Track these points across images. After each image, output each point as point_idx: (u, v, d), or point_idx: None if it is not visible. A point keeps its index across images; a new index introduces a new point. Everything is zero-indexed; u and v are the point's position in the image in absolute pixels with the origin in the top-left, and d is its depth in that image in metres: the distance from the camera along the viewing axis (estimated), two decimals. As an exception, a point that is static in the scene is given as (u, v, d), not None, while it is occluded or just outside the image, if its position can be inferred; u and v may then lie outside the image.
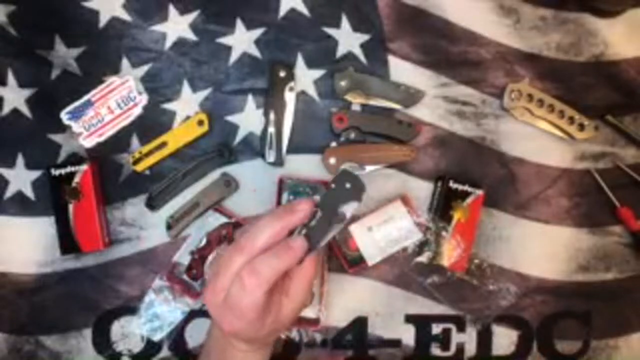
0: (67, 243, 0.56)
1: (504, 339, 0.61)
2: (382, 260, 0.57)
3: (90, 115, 0.57)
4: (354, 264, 0.57)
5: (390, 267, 0.59)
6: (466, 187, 0.58)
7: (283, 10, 0.58)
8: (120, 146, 0.58)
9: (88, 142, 0.57)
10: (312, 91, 0.59)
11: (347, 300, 0.59)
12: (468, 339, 0.60)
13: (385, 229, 0.57)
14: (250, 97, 0.58)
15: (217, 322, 0.42)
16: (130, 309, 0.58)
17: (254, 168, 0.58)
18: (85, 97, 0.57)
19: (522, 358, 0.61)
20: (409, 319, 0.60)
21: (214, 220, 0.57)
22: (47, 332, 0.58)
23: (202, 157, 0.58)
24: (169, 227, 0.57)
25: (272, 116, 0.58)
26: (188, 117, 0.58)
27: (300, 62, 0.58)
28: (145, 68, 0.58)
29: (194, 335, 0.59)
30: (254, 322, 0.41)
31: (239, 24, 0.58)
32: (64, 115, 0.57)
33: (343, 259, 0.57)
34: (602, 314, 0.61)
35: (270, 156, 0.58)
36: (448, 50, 0.59)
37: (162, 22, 0.57)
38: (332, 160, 0.57)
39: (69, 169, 0.56)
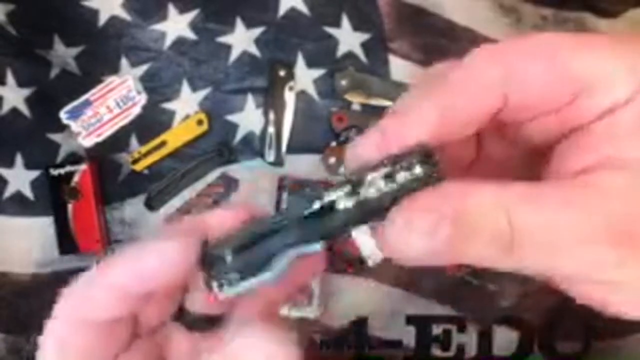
0: (66, 243, 0.56)
1: (505, 339, 0.60)
2: (382, 260, 0.57)
3: (89, 114, 0.56)
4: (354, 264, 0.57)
5: (390, 267, 0.59)
6: (467, 187, 0.57)
7: (283, 9, 0.58)
8: (119, 146, 0.58)
9: (87, 142, 0.57)
10: (312, 90, 0.59)
11: (347, 300, 0.59)
12: (469, 340, 0.60)
13: (385, 228, 0.57)
14: (250, 97, 0.58)
15: None
16: (129, 309, 0.58)
17: (254, 168, 0.58)
18: (84, 97, 0.56)
19: (523, 358, 0.61)
20: (410, 319, 0.60)
21: (213, 220, 0.57)
22: (46, 332, 0.58)
23: (201, 156, 0.58)
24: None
25: (271, 115, 0.57)
26: (187, 117, 0.58)
27: (300, 62, 0.58)
28: (144, 67, 0.57)
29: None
30: None
31: (239, 23, 0.58)
32: (63, 115, 0.56)
33: (343, 259, 0.57)
34: (603, 314, 0.61)
35: (270, 156, 0.57)
36: (448, 49, 0.59)
37: (161, 21, 0.57)
38: (332, 160, 0.57)
39: (68, 168, 0.56)
